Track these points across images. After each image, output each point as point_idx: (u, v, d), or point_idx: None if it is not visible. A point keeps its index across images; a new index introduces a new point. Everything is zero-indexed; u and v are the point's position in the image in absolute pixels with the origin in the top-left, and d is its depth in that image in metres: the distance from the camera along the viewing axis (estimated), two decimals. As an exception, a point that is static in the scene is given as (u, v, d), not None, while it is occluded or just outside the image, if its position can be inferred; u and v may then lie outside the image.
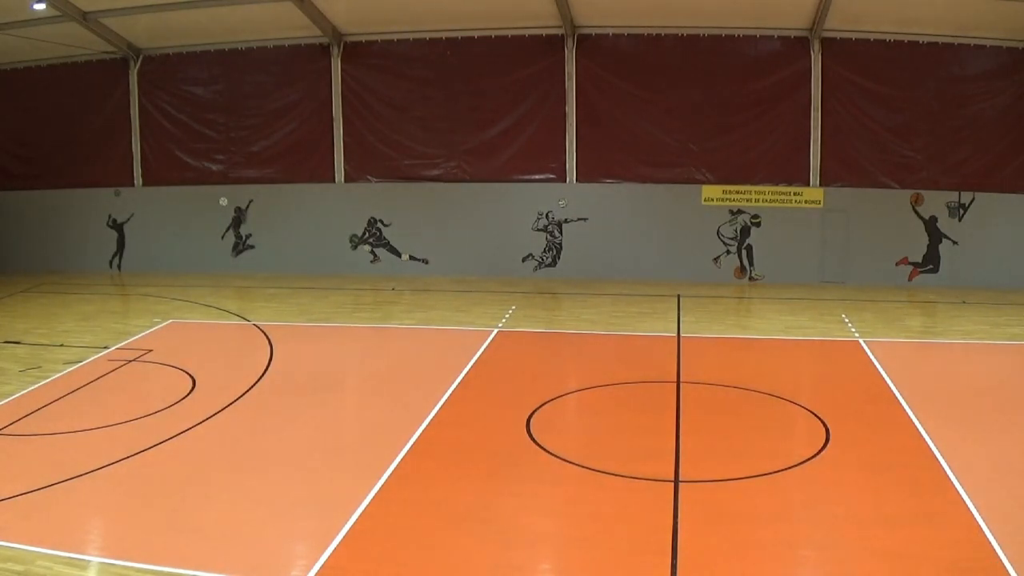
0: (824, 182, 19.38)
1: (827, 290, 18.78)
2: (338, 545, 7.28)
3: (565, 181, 20.32)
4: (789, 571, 7.06)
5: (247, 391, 11.71)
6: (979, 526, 7.39)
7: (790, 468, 8.89)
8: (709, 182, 19.75)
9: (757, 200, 19.57)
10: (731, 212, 19.71)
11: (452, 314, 16.63)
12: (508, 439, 9.82)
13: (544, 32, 19.75)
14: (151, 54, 21.55)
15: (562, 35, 19.65)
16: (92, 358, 13.46)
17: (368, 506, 8.03)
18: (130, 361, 13.32)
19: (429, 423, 10.32)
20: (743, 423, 10.40)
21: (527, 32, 19.82)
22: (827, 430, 9.92)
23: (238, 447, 9.77)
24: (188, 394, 11.55)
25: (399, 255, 21.16)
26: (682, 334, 14.89)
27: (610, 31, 19.66)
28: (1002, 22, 17.53)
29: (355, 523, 7.68)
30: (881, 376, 12.09)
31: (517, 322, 15.90)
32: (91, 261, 22.52)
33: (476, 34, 20.03)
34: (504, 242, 20.65)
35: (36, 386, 11.91)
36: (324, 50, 20.73)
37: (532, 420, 10.38)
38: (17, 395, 11.49)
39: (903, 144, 19.02)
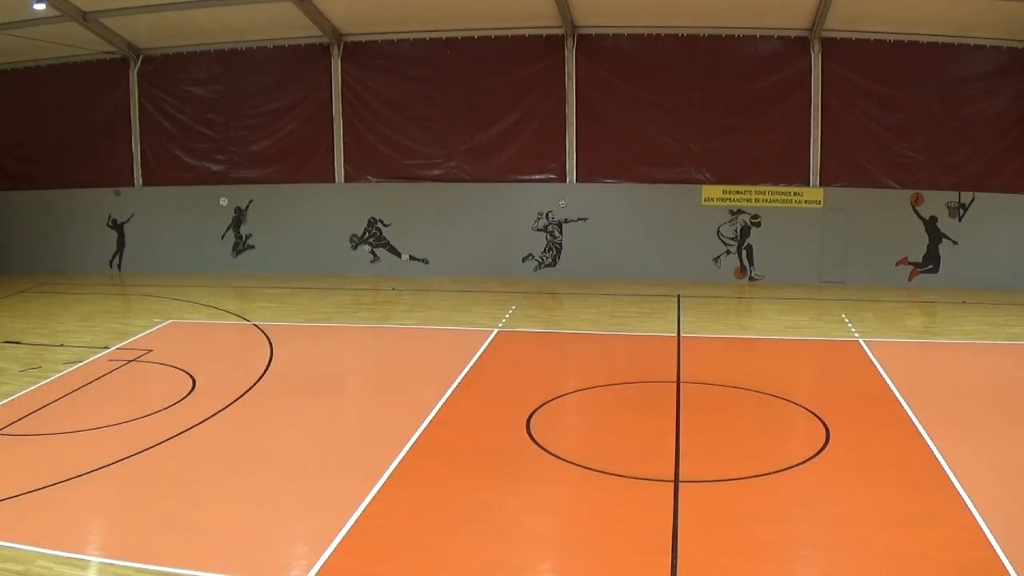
0: (824, 182, 19.37)
1: (827, 290, 18.77)
2: (338, 545, 7.28)
3: (565, 181, 20.32)
4: (789, 571, 7.06)
5: (247, 391, 11.71)
6: (979, 526, 7.40)
7: (790, 468, 8.89)
8: (709, 182, 19.74)
9: (757, 200, 19.57)
10: (731, 212, 19.70)
11: (452, 314, 16.63)
12: (508, 439, 9.82)
13: (544, 32, 19.74)
14: (151, 54, 21.54)
15: (562, 35, 19.64)
16: (92, 358, 13.45)
17: (368, 506, 8.04)
18: (130, 361, 13.32)
19: (429, 423, 10.32)
20: (743, 423, 10.40)
21: (527, 32, 19.80)
22: (827, 430, 9.92)
23: (238, 447, 9.77)
24: (188, 394, 11.55)
25: (399, 255, 21.15)
26: (682, 334, 14.88)
27: (610, 31, 19.64)
28: (1002, 22, 17.52)
29: (355, 523, 7.69)
30: (881, 376, 12.09)
31: (517, 322, 15.90)
32: (91, 261, 22.51)
33: (476, 34, 20.01)
34: (504, 242, 20.64)
35: (36, 386, 11.91)
36: (324, 50, 20.72)
37: (532, 420, 10.38)
38: (17, 395, 11.50)
39: (903, 144, 19.01)
